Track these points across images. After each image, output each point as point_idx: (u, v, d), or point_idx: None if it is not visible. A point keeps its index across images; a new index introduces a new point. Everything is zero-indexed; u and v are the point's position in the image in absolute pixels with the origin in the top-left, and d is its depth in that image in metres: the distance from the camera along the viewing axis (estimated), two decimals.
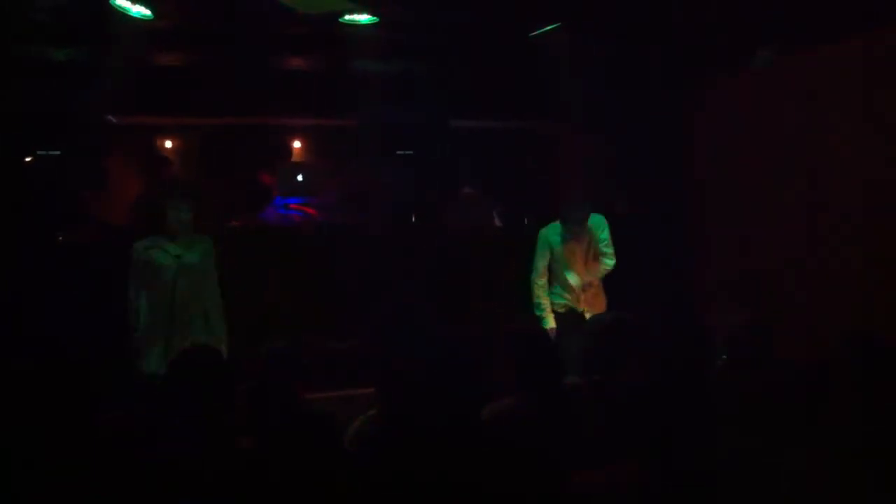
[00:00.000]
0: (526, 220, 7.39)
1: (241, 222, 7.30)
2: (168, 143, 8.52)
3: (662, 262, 6.55)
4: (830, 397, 3.06)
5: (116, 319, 5.00)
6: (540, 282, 5.84)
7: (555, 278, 5.88)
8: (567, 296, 5.84)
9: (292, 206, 7.59)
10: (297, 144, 8.77)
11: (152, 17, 5.84)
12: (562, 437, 2.97)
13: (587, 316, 5.67)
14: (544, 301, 5.83)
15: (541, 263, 5.85)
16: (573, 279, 5.81)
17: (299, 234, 6.99)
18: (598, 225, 5.87)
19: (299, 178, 7.86)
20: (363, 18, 6.17)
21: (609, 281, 6.00)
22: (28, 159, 7.35)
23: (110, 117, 7.62)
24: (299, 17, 6.10)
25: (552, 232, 5.85)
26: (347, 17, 6.13)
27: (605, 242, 5.87)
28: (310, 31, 6.64)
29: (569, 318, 5.79)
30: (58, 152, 7.44)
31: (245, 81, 7.12)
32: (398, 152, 8.31)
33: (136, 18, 5.83)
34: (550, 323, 5.80)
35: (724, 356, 4.01)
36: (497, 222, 7.70)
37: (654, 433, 2.62)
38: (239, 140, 8.41)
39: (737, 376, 3.89)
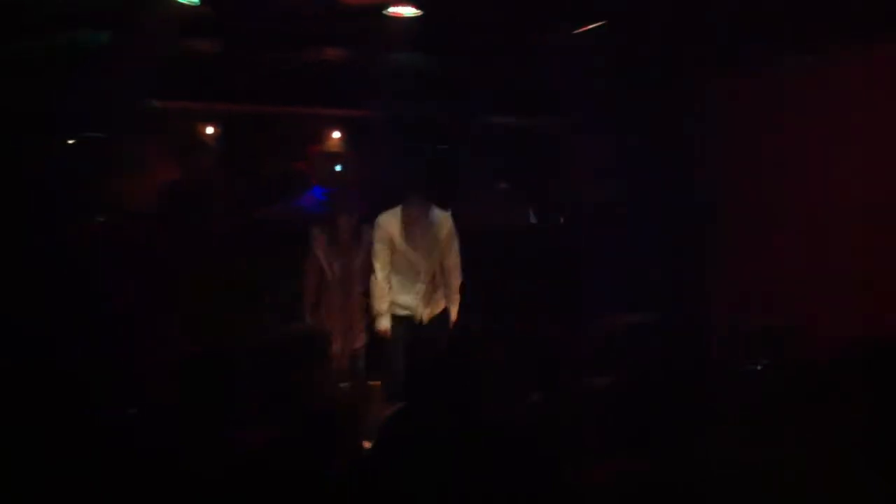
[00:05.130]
0: (561, 219, 7.38)
1: (275, 210, 7.35)
2: (209, 129, 8.57)
3: (671, 265, 6.53)
4: (841, 399, 3.05)
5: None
6: None
7: None
8: None
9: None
10: (336, 134, 8.79)
11: (198, 2, 5.87)
12: (579, 436, 2.97)
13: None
14: None
15: None
16: None
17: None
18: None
19: (338, 167, 7.89)
20: (407, 11, 6.18)
21: (618, 282, 5.98)
22: (71, 142, 7.43)
23: (153, 102, 7.68)
24: (342, 8, 6.13)
25: None
26: (391, 9, 6.14)
27: None
28: (352, 22, 6.65)
29: None
30: (97, 136, 7.52)
31: (286, 71, 7.16)
32: (432, 146, 8.30)
33: (182, 4, 5.88)
34: None
35: (761, 361, 4.01)
36: (532, 219, 7.68)
37: (663, 432, 2.62)
38: (276, 128, 8.46)
39: (769, 379, 3.88)
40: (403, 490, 2.54)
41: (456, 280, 5.26)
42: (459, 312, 5.31)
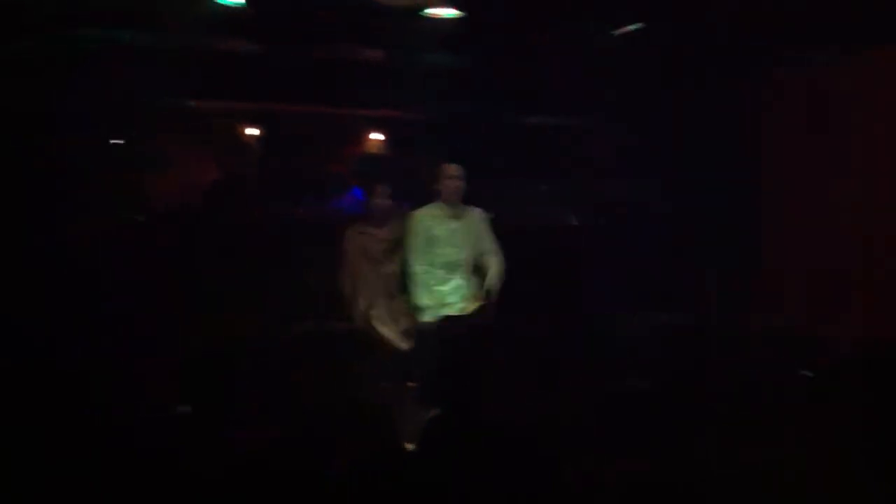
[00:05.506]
0: (602, 220, 7.36)
1: (311, 210, 7.40)
2: (249, 130, 8.66)
3: (710, 267, 6.52)
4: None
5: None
6: None
7: None
8: None
9: None
10: (377, 136, 8.84)
11: (244, 4, 5.92)
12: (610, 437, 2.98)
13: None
14: None
15: None
16: None
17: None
18: None
19: (378, 168, 7.93)
20: (446, 12, 6.19)
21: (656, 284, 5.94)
22: (114, 142, 7.54)
23: (192, 102, 7.77)
24: (382, 9, 6.16)
25: None
26: (430, 10, 6.16)
27: None
28: (391, 23, 6.68)
29: None
30: (133, 136, 7.62)
31: (325, 71, 7.21)
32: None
33: (223, 5, 5.93)
34: None
35: (809, 371, 3.98)
36: (573, 220, 7.68)
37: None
38: (315, 129, 8.52)
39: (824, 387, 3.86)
40: (439, 492, 2.56)
41: (495, 279, 5.25)
42: (495, 312, 5.31)
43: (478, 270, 5.23)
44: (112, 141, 7.75)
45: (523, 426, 3.10)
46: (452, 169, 5.04)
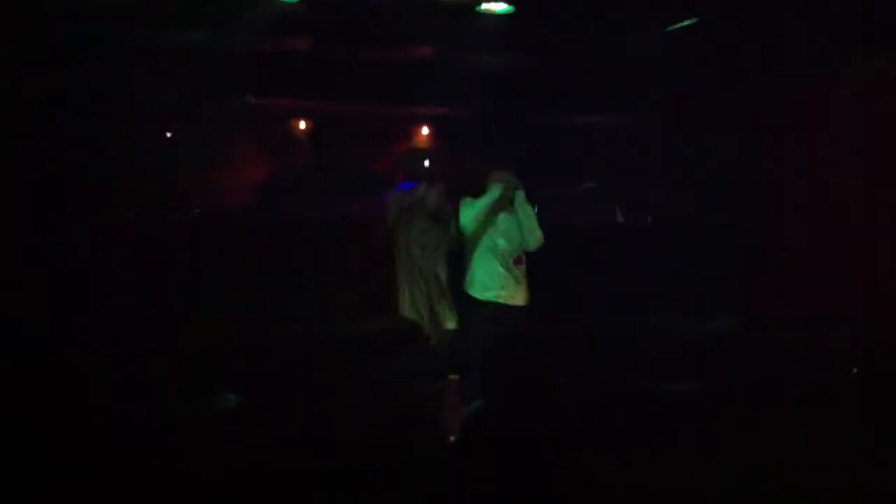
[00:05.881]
0: (650, 218, 7.29)
1: (362, 206, 7.45)
2: (302, 125, 8.74)
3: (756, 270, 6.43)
4: None
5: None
6: None
7: None
8: None
9: None
10: (424, 130, 8.86)
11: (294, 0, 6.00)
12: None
13: None
14: None
15: None
16: None
17: None
18: None
19: (426, 163, 7.93)
20: (499, 8, 6.20)
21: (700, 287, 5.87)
22: (168, 135, 7.67)
23: (249, 98, 7.86)
24: (436, 5, 6.18)
25: None
26: (484, 6, 6.17)
27: None
28: (443, 21, 6.69)
29: None
30: (191, 133, 7.74)
31: (376, 69, 7.25)
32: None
33: (276, 2, 6.01)
34: None
35: (855, 369, 3.93)
36: (619, 218, 7.62)
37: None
38: (365, 125, 8.57)
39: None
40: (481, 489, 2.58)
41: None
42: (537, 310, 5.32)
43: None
44: (166, 136, 7.87)
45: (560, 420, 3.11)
46: (500, 175, 5.08)
